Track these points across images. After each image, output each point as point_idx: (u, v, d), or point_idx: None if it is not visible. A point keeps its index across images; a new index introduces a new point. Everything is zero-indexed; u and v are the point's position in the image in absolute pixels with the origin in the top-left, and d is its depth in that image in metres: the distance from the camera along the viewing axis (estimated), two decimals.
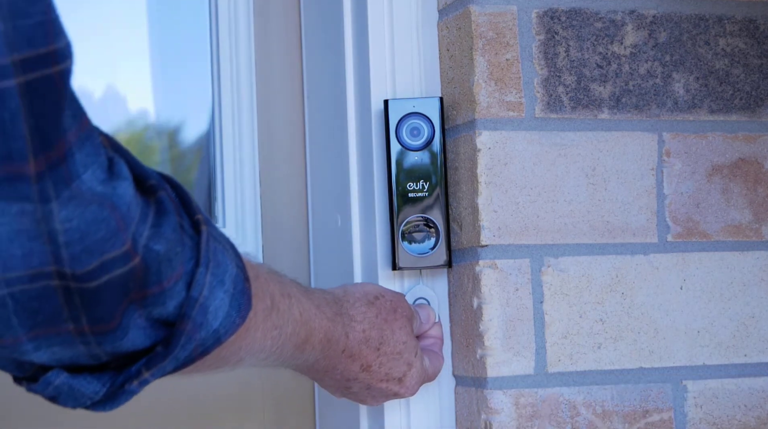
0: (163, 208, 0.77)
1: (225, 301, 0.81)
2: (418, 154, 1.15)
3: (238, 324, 0.83)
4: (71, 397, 0.79)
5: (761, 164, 1.20)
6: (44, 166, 0.69)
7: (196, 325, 0.79)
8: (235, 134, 1.33)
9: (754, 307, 1.19)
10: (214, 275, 0.80)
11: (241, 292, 0.83)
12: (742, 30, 1.21)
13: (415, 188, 1.15)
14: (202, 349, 0.81)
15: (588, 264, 1.14)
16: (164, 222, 0.76)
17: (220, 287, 0.81)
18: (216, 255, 0.81)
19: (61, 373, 0.78)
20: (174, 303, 0.78)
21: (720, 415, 1.17)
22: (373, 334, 1.05)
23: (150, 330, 0.79)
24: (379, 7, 1.18)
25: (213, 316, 0.80)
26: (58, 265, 0.71)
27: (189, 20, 1.45)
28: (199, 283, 0.79)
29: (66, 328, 0.74)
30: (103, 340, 0.76)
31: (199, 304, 0.79)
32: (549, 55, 1.15)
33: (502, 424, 1.10)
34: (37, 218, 0.70)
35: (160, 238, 0.76)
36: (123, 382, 0.80)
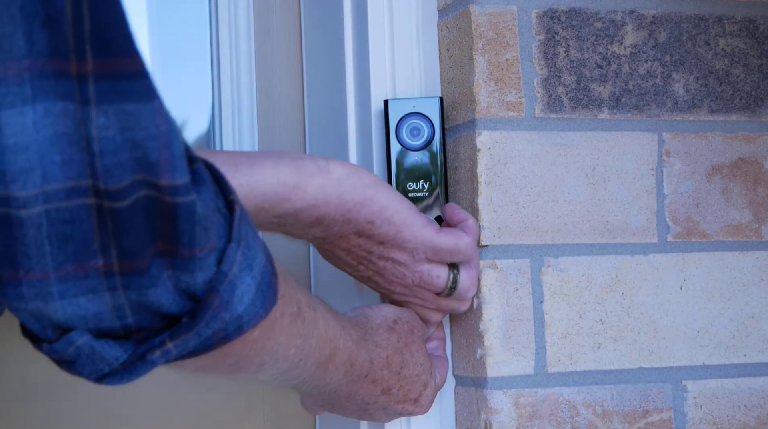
0: (201, 178, 0.75)
1: (251, 288, 0.79)
2: (418, 154, 1.15)
3: (261, 315, 0.80)
4: (90, 360, 0.77)
5: (761, 164, 1.20)
6: (90, 70, 0.68)
7: (223, 302, 0.77)
8: (235, 134, 1.33)
9: (754, 307, 1.19)
10: (245, 256, 0.78)
11: (268, 284, 0.81)
12: (742, 30, 1.21)
13: (415, 188, 1.15)
14: (224, 334, 0.79)
15: (588, 264, 1.14)
16: (202, 189, 0.75)
17: (248, 271, 0.79)
18: (247, 237, 0.79)
19: (85, 334, 0.76)
20: (203, 276, 0.76)
21: (720, 415, 1.17)
22: (395, 359, 1.05)
23: (177, 297, 0.77)
24: (379, 7, 1.18)
25: (239, 300, 0.78)
26: (93, 178, 0.70)
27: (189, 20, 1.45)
28: (229, 259, 0.77)
29: (95, 265, 0.72)
30: (130, 282, 0.74)
31: (228, 280, 0.77)
32: (549, 55, 1.15)
33: (502, 424, 1.11)
34: (77, 120, 0.69)
35: (197, 198, 0.74)
36: (145, 352, 0.77)
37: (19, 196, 0.69)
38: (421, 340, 1.09)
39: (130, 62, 0.69)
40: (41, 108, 0.68)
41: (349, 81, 1.21)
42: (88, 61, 0.68)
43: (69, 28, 0.67)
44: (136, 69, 0.70)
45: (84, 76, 0.68)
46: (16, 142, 0.68)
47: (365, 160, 1.19)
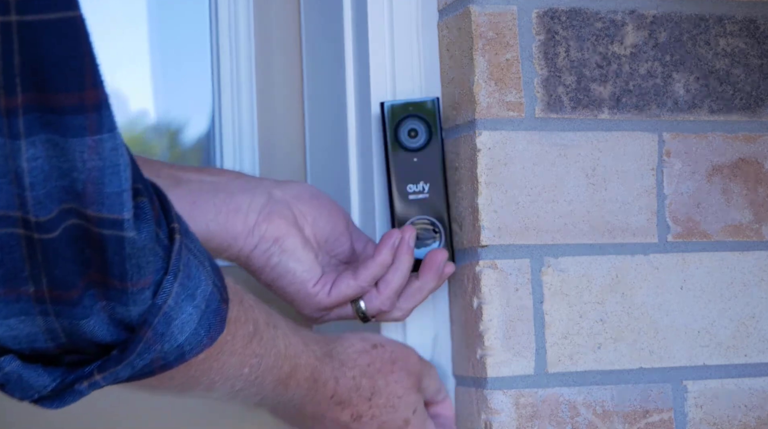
0: (142, 213, 0.74)
1: (194, 317, 0.78)
2: (417, 156, 1.15)
3: (206, 343, 0.80)
4: (19, 386, 0.77)
5: (761, 164, 1.20)
6: (20, 102, 0.67)
7: (157, 334, 0.77)
8: (235, 134, 1.33)
9: (754, 307, 1.19)
10: (184, 286, 0.77)
11: (214, 311, 0.80)
12: (742, 30, 1.21)
13: (415, 190, 1.15)
14: (164, 362, 0.78)
15: (588, 264, 1.14)
16: (143, 226, 0.74)
17: (189, 301, 0.78)
18: (189, 267, 0.78)
19: (14, 361, 0.76)
20: (138, 310, 0.76)
21: (720, 416, 1.17)
22: (364, 382, 1.02)
23: (112, 327, 0.76)
24: (379, 7, 1.18)
25: (178, 330, 0.77)
26: (23, 210, 0.69)
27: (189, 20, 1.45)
28: (165, 291, 0.76)
29: (26, 291, 0.72)
30: (62, 311, 0.73)
31: (163, 312, 0.76)
32: (549, 55, 1.15)
33: (502, 424, 1.10)
34: (5, 154, 0.68)
35: (132, 235, 0.73)
36: (73, 381, 0.77)
37: None
38: (404, 373, 1.06)
39: (66, 97, 0.68)
40: None
41: (349, 81, 1.21)
42: (18, 95, 0.67)
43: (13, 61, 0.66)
44: (71, 104, 0.69)
45: (13, 109, 0.67)
46: None
47: (365, 160, 1.19)
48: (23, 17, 0.66)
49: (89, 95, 0.69)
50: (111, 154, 0.70)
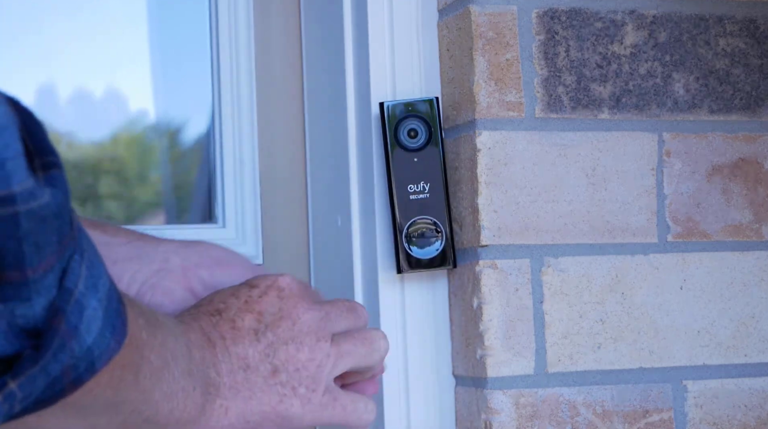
0: (55, 181, 0.61)
1: (98, 313, 0.66)
2: (417, 156, 1.15)
3: (113, 348, 0.67)
4: None
5: (761, 164, 1.20)
6: None
7: (71, 327, 0.64)
8: (235, 134, 1.33)
9: (754, 307, 1.19)
10: (90, 271, 0.66)
11: (115, 311, 0.68)
12: (742, 30, 1.21)
13: (416, 190, 1.15)
14: (75, 374, 0.66)
15: (588, 264, 1.14)
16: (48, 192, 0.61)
17: (93, 292, 0.66)
18: (90, 250, 0.66)
19: None
20: (42, 301, 0.63)
21: (720, 415, 1.17)
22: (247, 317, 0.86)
23: (12, 336, 0.63)
24: (379, 7, 1.18)
25: (86, 328, 0.65)
26: None
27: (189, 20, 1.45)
28: (74, 272, 0.64)
29: None
30: None
31: (75, 298, 0.64)
32: (549, 55, 1.15)
33: (502, 424, 1.10)
34: None
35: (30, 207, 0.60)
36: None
37: None
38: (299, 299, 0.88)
39: None
40: None
41: (349, 81, 1.21)
42: None
43: None
44: None
45: None
46: None
47: (365, 160, 1.19)
48: None
49: None
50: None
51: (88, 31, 1.35)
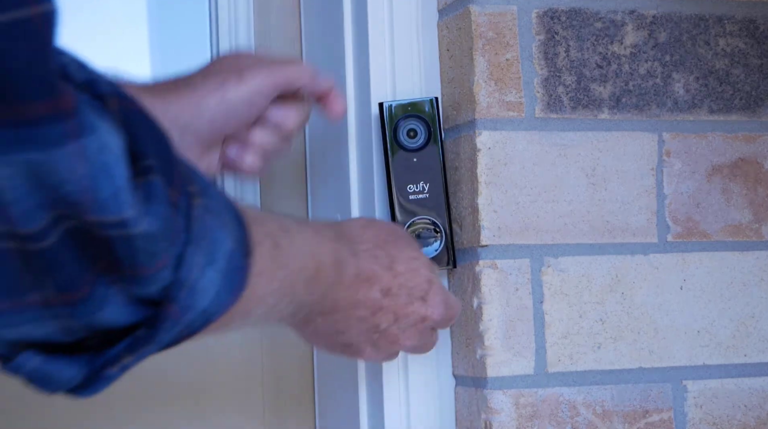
0: (153, 195, 0.69)
1: (215, 280, 0.74)
2: (416, 155, 1.15)
3: (229, 302, 0.76)
4: (45, 382, 0.72)
5: (761, 164, 1.20)
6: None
7: (183, 308, 0.73)
8: None
9: (754, 307, 1.19)
10: (206, 254, 0.73)
11: (236, 268, 0.76)
12: (742, 30, 1.21)
13: (415, 190, 1.15)
14: (190, 330, 0.75)
15: (588, 264, 1.14)
16: (151, 209, 0.69)
17: (211, 265, 0.74)
18: (210, 230, 0.74)
19: (35, 356, 0.71)
20: (156, 287, 0.72)
21: (720, 415, 1.17)
22: (378, 252, 0.99)
23: (132, 307, 0.72)
24: (379, 7, 1.18)
25: (201, 296, 0.73)
26: (8, 224, 0.64)
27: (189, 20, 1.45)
28: (188, 264, 0.72)
29: (32, 300, 0.68)
30: (75, 312, 0.69)
31: (188, 286, 0.72)
32: (549, 55, 1.15)
33: (502, 424, 1.10)
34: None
35: (137, 229, 0.68)
36: (102, 367, 0.72)
37: None
38: (409, 238, 1.04)
39: (35, 107, 0.62)
40: None
41: (349, 81, 1.21)
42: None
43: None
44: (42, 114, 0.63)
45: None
46: None
47: (365, 160, 1.19)
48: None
49: (63, 101, 0.64)
50: (98, 156, 0.65)
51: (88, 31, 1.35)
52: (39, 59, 0.62)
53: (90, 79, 0.68)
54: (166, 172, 0.71)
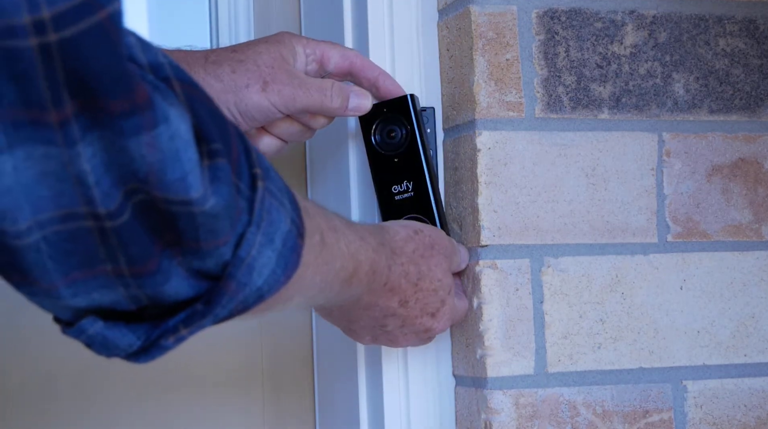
0: (218, 177, 0.74)
1: (272, 259, 0.79)
2: (397, 156, 1.14)
3: (282, 282, 0.80)
4: (104, 346, 0.77)
5: (761, 164, 1.20)
6: (70, 112, 0.67)
7: (240, 285, 0.77)
8: None
9: (754, 307, 1.19)
10: (265, 234, 0.78)
11: (291, 248, 0.81)
12: (742, 30, 1.21)
13: (400, 190, 1.14)
14: (243, 306, 0.79)
15: (588, 264, 1.14)
16: (216, 191, 0.74)
17: (269, 245, 0.78)
18: (270, 212, 0.79)
19: (96, 322, 0.76)
20: (214, 262, 0.76)
21: (720, 415, 1.17)
22: (411, 269, 1.04)
23: (192, 280, 0.76)
24: (379, 7, 1.18)
25: (258, 274, 0.78)
26: (90, 205, 0.70)
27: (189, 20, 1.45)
28: (248, 243, 0.77)
29: (104, 270, 0.73)
30: (143, 283, 0.74)
31: (246, 264, 0.77)
32: (549, 55, 1.15)
33: (502, 424, 1.11)
34: (63, 161, 0.68)
35: (200, 207, 0.73)
36: (158, 337, 0.77)
37: (10, 231, 0.69)
38: (442, 257, 1.07)
39: (115, 104, 0.68)
40: (20, 153, 0.67)
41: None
42: (67, 106, 0.67)
43: (41, 82, 0.66)
44: (121, 109, 0.68)
45: (65, 120, 0.67)
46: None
47: (365, 160, 1.18)
48: (62, 34, 0.65)
49: (139, 95, 0.69)
50: (169, 144, 0.70)
51: None
52: (114, 60, 0.68)
53: (155, 61, 0.73)
54: (231, 155, 0.75)
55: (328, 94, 1.11)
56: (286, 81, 1.09)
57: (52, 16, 0.65)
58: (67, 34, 0.66)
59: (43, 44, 0.65)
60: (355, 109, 1.13)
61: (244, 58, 1.09)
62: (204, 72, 1.07)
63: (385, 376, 1.16)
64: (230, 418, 1.30)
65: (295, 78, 1.10)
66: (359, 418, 1.19)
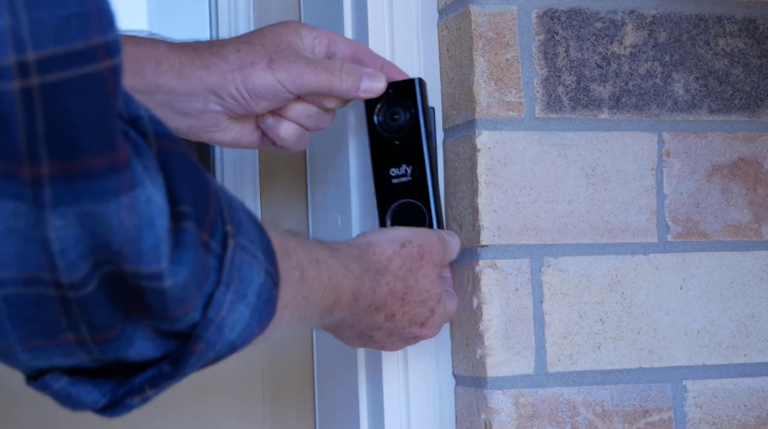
0: (185, 242, 0.71)
1: (245, 315, 0.77)
2: (398, 139, 1.13)
3: (257, 333, 0.79)
4: (69, 402, 0.76)
5: (761, 164, 1.21)
6: (46, 173, 0.64)
7: (210, 343, 0.76)
8: None
9: (754, 307, 1.19)
10: (236, 292, 0.76)
11: (266, 300, 0.78)
12: (742, 30, 1.21)
13: (398, 173, 1.13)
14: (215, 359, 0.78)
15: (588, 264, 1.14)
16: (183, 260, 0.71)
17: (240, 302, 0.76)
18: (241, 268, 0.76)
19: (60, 378, 0.74)
20: (183, 325, 0.74)
21: (720, 415, 1.17)
22: (397, 285, 1.02)
23: (159, 341, 0.75)
24: (379, 8, 1.18)
25: (230, 330, 0.76)
26: (53, 273, 0.67)
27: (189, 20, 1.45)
28: (217, 303, 0.75)
29: (65, 339, 0.71)
30: (106, 348, 0.72)
31: (215, 324, 0.75)
32: (549, 55, 1.15)
33: (502, 424, 1.11)
34: (31, 222, 0.65)
35: (167, 282, 0.71)
36: (124, 395, 0.76)
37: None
38: (431, 266, 1.06)
39: (96, 160, 0.65)
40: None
41: None
42: (43, 164, 0.63)
43: (20, 131, 0.62)
44: (102, 166, 0.65)
45: (38, 179, 0.64)
46: None
47: (365, 159, 1.18)
48: (45, 78, 0.62)
49: (121, 153, 0.66)
50: (145, 207, 0.68)
51: None
52: (104, 113, 0.64)
53: (136, 115, 0.70)
54: (200, 215, 0.73)
55: (337, 74, 1.09)
56: (293, 58, 1.07)
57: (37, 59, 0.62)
58: (52, 80, 0.62)
59: (26, 89, 0.62)
60: (367, 90, 1.10)
61: (250, 39, 1.08)
62: (209, 53, 1.06)
63: (385, 376, 1.16)
64: (230, 417, 1.30)
65: (302, 57, 1.08)
66: (359, 418, 1.19)
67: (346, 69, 1.09)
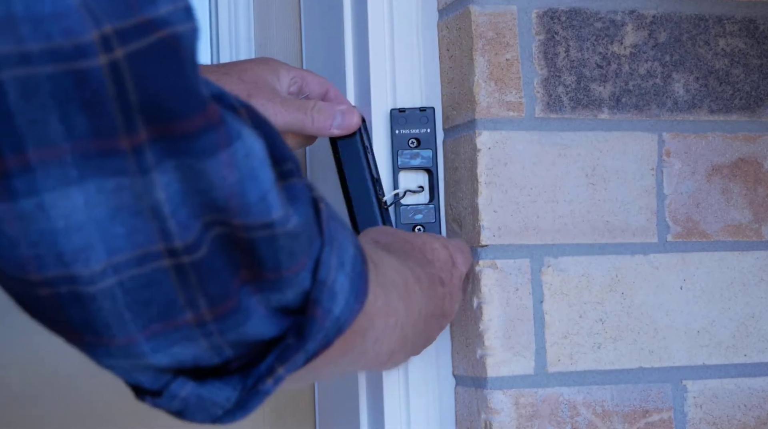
0: (296, 196, 0.71)
1: (345, 286, 0.76)
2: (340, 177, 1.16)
3: (357, 310, 0.77)
4: (200, 408, 0.73)
5: (761, 164, 1.21)
6: (144, 138, 0.64)
7: (325, 311, 0.74)
8: None
9: (754, 307, 1.19)
10: (338, 256, 0.75)
11: (359, 274, 0.77)
12: (742, 30, 1.21)
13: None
14: (326, 340, 0.76)
15: (588, 264, 1.14)
16: (295, 209, 0.71)
17: (341, 269, 0.75)
18: (336, 233, 0.76)
19: (187, 383, 0.72)
20: (293, 292, 0.73)
21: (720, 415, 1.17)
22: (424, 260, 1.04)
23: (273, 318, 0.73)
24: (379, 8, 1.18)
25: (337, 301, 0.75)
26: (166, 240, 0.66)
27: None
28: (326, 265, 0.74)
29: (184, 320, 0.69)
30: (225, 326, 0.71)
31: (328, 287, 0.74)
32: (549, 55, 1.15)
33: (502, 424, 1.11)
34: (136, 193, 0.65)
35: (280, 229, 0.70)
36: (255, 383, 0.74)
37: (83, 274, 0.66)
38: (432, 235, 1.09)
39: (190, 122, 0.65)
40: (92, 186, 0.64)
41: (348, 81, 1.21)
42: (140, 131, 0.64)
43: (113, 105, 0.63)
44: (196, 127, 0.65)
45: (138, 146, 0.64)
46: (66, 223, 0.64)
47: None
48: (127, 48, 0.63)
49: (211, 112, 0.66)
50: (245, 161, 0.68)
51: None
52: (182, 76, 0.65)
53: (218, 91, 0.70)
54: (301, 176, 0.73)
55: (309, 114, 1.11)
56: (269, 97, 1.10)
57: (115, 31, 0.62)
58: (133, 49, 0.63)
59: (113, 62, 0.62)
60: (339, 127, 1.13)
61: (229, 71, 1.10)
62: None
63: (385, 375, 1.16)
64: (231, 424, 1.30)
65: (278, 96, 1.11)
66: (359, 418, 1.19)
67: (317, 108, 1.12)
